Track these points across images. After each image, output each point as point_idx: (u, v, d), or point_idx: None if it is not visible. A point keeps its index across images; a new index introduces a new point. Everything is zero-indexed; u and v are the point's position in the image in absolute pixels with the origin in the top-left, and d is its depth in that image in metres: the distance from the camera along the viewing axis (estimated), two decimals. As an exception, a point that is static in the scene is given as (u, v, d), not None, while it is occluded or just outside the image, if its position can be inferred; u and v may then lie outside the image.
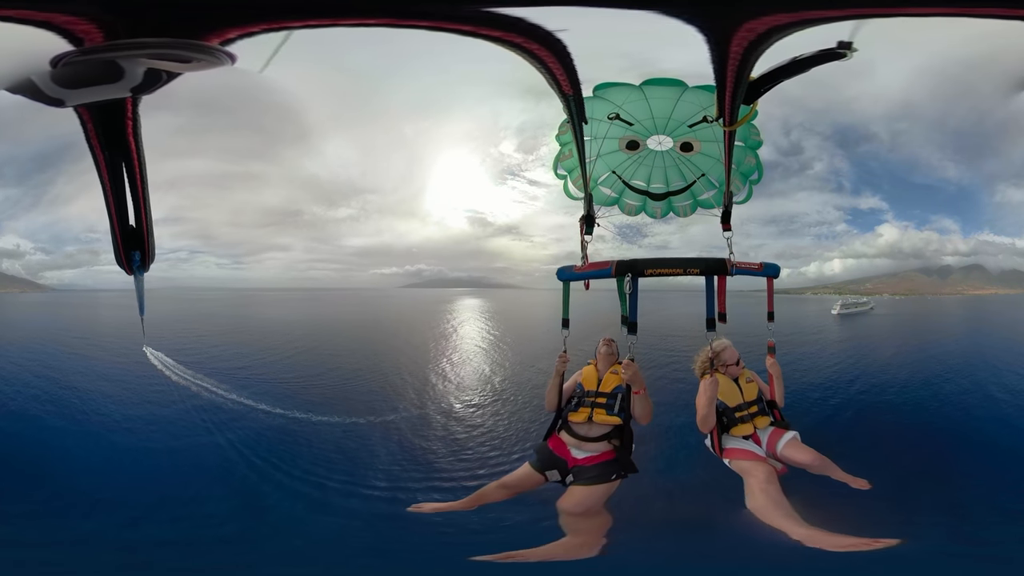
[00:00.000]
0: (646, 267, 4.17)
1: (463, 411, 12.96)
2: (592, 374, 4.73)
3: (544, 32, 2.78)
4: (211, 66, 2.53)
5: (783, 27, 2.76)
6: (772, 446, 4.53)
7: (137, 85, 2.58)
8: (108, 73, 2.46)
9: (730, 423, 4.58)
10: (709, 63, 3.09)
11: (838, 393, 13.31)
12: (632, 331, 4.24)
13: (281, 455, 9.82)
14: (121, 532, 7.08)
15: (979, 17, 2.65)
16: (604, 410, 4.50)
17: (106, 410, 12.14)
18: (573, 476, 4.35)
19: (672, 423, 7.36)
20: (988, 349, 18.57)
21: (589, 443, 4.45)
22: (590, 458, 4.40)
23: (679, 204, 5.47)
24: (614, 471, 4.32)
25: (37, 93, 2.48)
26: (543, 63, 3.04)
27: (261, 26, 2.48)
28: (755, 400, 4.69)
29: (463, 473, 9.53)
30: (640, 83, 4.87)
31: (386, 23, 2.63)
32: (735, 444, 4.54)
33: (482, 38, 2.73)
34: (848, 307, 34.59)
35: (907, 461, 8.45)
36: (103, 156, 2.94)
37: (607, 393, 4.56)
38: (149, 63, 2.46)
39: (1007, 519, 6.09)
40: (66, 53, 2.37)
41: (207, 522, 7.86)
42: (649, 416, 4.48)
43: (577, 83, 3.36)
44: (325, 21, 2.58)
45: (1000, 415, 11.59)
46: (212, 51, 2.43)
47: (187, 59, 2.48)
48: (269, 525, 7.63)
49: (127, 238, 3.20)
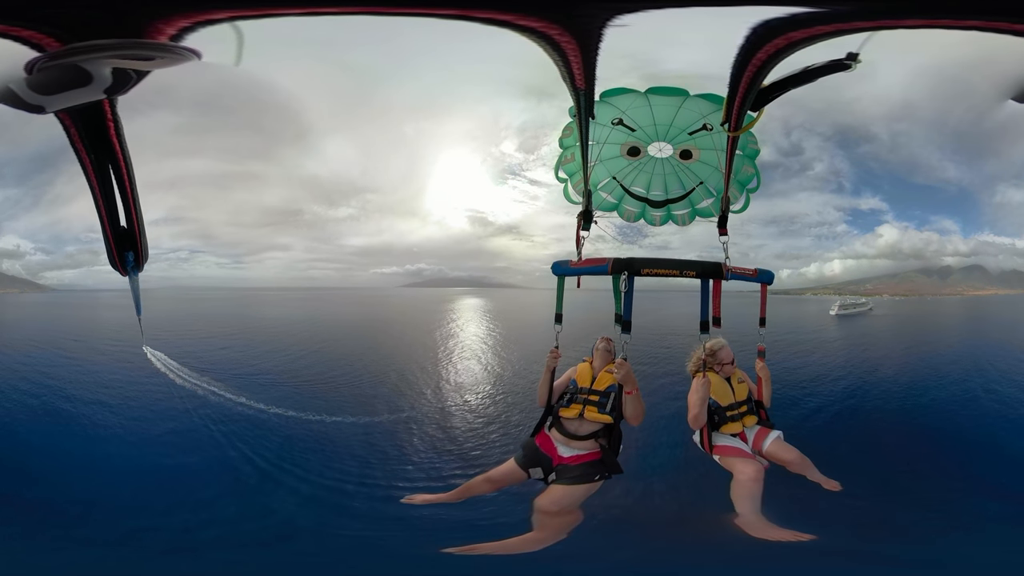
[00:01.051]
0: (643, 266, 4.18)
1: (479, 403, 13.07)
2: (586, 371, 4.70)
3: (583, 21, 2.68)
4: (176, 63, 2.49)
5: (807, 39, 2.74)
6: (758, 444, 4.74)
7: (109, 86, 2.56)
8: (78, 77, 2.44)
9: (721, 421, 4.71)
10: (711, 65, 3.07)
11: (828, 394, 13.39)
12: (626, 330, 4.23)
13: (293, 456, 9.82)
14: (121, 533, 7.08)
15: (983, 31, 2.64)
16: (596, 408, 4.48)
17: (105, 410, 12.14)
18: (556, 474, 4.34)
19: (661, 417, 7.42)
20: (984, 351, 18.59)
21: (577, 441, 4.45)
22: (576, 457, 4.40)
23: (677, 212, 5.50)
24: (597, 472, 4.32)
25: (18, 101, 2.46)
26: (563, 53, 2.90)
27: (230, 12, 2.43)
28: (745, 400, 4.84)
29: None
30: (645, 90, 4.90)
31: (400, 11, 2.55)
32: (725, 441, 4.69)
33: (502, 25, 2.62)
34: (846, 308, 34.60)
35: (885, 463, 8.66)
36: (89, 159, 2.93)
37: (600, 391, 4.55)
38: (112, 63, 2.43)
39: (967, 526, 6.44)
40: (37, 59, 2.36)
41: (209, 522, 7.87)
42: (640, 418, 4.45)
43: (592, 78, 3.26)
44: (303, 10, 2.52)
45: (985, 419, 11.70)
46: (170, 48, 2.40)
47: (147, 57, 2.45)
48: (274, 524, 7.63)
49: (119, 239, 3.19)
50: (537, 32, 2.69)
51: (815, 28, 2.67)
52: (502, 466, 4.55)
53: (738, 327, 5.12)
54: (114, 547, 6.88)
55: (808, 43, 2.77)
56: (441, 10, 2.58)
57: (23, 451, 10.21)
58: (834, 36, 2.76)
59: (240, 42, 2.57)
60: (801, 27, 2.66)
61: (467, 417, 12.45)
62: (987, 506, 7.26)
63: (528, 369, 16.34)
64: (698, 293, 4.46)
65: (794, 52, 2.85)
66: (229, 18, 2.46)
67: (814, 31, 2.69)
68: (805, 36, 2.72)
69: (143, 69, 2.55)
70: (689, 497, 6.32)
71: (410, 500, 4.83)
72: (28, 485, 8.68)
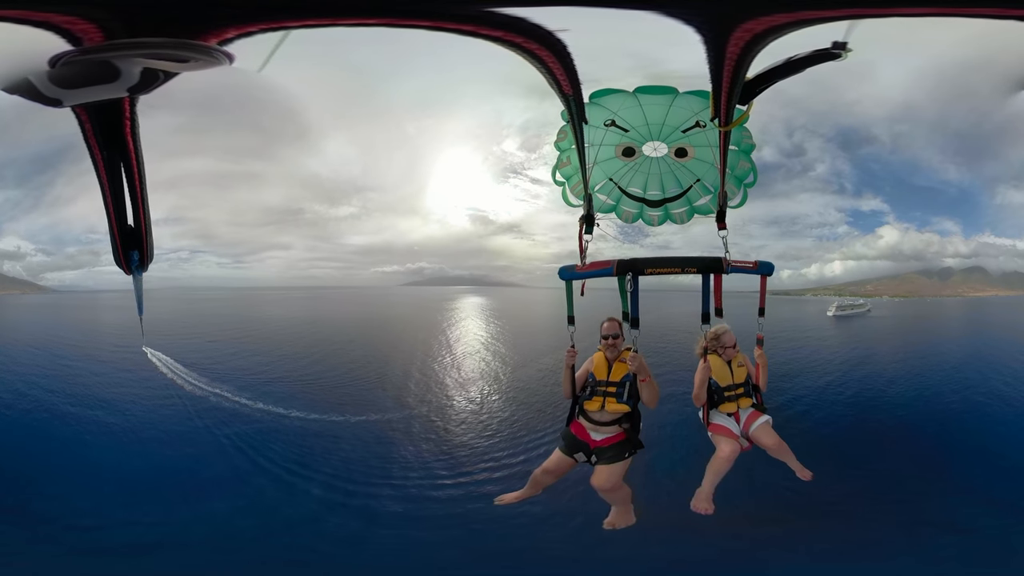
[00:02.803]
0: (646, 266, 4.37)
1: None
2: (602, 362, 5.02)
3: (544, 32, 2.78)
4: (209, 66, 2.52)
5: (779, 27, 2.75)
6: (747, 426, 5.13)
7: (134, 85, 2.58)
8: (105, 73, 2.46)
9: (719, 400, 5.13)
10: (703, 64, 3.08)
11: (820, 391, 13.53)
12: (635, 326, 4.59)
13: (302, 457, 9.86)
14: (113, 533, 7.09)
15: (973, 17, 2.64)
16: (615, 398, 4.90)
17: (104, 412, 12.15)
18: (596, 456, 4.88)
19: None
20: (982, 351, 18.67)
21: (604, 427, 4.92)
22: (607, 439, 4.89)
23: (675, 211, 5.53)
24: (627, 450, 4.86)
25: (34, 93, 2.47)
26: (543, 63, 3.04)
27: (260, 26, 2.47)
28: (743, 383, 5.21)
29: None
30: (633, 90, 4.94)
31: (386, 23, 2.63)
32: (719, 420, 5.14)
33: (482, 38, 2.72)
34: (844, 309, 34.66)
35: (868, 459, 8.99)
36: (101, 156, 2.94)
37: (616, 382, 4.92)
38: (146, 63, 2.45)
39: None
40: (64, 53, 2.36)
41: (210, 520, 7.88)
42: (655, 401, 4.89)
43: (577, 83, 3.36)
44: (325, 21, 2.58)
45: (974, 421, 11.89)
46: (210, 51, 2.43)
47: (184, 59, 2.48)
48: (279, 522, 7.65)
49: (126, 238, 3.20)
50: (507, 42, 2.77)
51: (777, 16, 2.65)
52: (551, 457, 5.04)
53: (736, 325, 5.23)
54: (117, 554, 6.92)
55: (781, 32, 2.77)
56: (427, 22, 2.65)
57: (27, 461, 10.22)
58: (813, 24, 2.76)
59: (274, 49, 2.63)
60: (763, 13, 2.65)
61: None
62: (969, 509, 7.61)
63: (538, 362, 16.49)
64: (698, 292, 4.64)
65: (773, 41, 2.85)
66: (264, 30, 2.50)
67: (774, 20, 2.67)
68: (769, 27, 2.71)
69: (175, 71, 2.58)
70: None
71: (501, 501, 5.32)
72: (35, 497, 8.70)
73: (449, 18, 2.65)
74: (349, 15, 2.58)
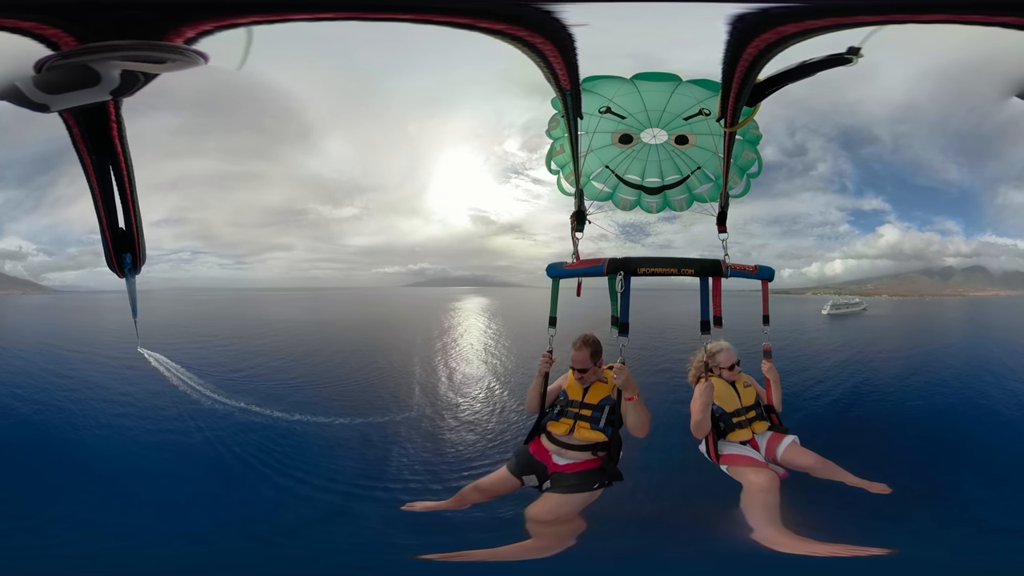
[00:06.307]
0: (639, 266, 4.00)
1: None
2: (576, 381, 4.28)
3: (553, 25, 2.71)
4: (185, 66, 2.52)
5: (804, 32, 2.72)
6: (771, 451, 4.38)
7: (115, 88, 2.57)
8: (87, 77, 2.46)
9: (727, 428, 4.38)
10: (717, 64, 3.05)
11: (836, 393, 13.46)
12: (623, 332, 3.97)
13: (297, 460, 9.79)
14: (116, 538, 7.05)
15: (984, 25, 2.61)
16: (588, 424, 4.09)
17: (104, 412, 12.15)
18: (551, 483, 4.02)
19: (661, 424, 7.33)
20: (980, 351, 18.64)
21: (572, 451, 4.10)
22: (572, 465, 4.06)
23: (675, 198, 5.40)
24: (597, 480, 3.97)
25: (22, 99, 2.48)
26: (544, 57, 2.95)
27: (242, 19, 2.46)
28: (753, 405, 4.52)
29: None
30: (631, 76, 4.74)
31: (379, 17, 2.59)
32: (733, 450, 4.34)
33: (481, 31, 2.66)
34: (839, 307, 34.39)
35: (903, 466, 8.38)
36: (90, 160, 2.95)
37: (593, 404, 4.14)
38: (123, 65, 2.45)
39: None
40: (48, 57, 2.38)
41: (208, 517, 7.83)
42: (645, 428, 4.02)
43: (577, 78, 3.30)
44: (319, 15, 2.55)
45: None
46: (182, 51, 2.42)
47: (159, 60, 2.47)
48: (277, 529, 7.57)
49: (117, 241, 3.20)
50: (509, 35, 2.73)
51: (807, 23, 2.65)
52: (494, 473, 4.29)
53: (737, 329, 4.94)
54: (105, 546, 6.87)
55: (802, 37, 2.75)
56: (423, 16, 2.61)
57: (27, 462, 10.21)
58: (830, 31, 2.74)
59: (248, 45, 2.59)
60: (791, 21, 2.64)
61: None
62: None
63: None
64: (698, 291, 4.25)
65: (788, 47, 2.82)
66: (248, 23, 2.48)
67: (805, 25, 2.67)
68: (797, 31, 2.71)
69: (152, 72, 2.58)
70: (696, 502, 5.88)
71: (410, 507, 4.71)
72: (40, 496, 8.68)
73: (447, 11, 2.60)
74: (339, 9, 2.55)
